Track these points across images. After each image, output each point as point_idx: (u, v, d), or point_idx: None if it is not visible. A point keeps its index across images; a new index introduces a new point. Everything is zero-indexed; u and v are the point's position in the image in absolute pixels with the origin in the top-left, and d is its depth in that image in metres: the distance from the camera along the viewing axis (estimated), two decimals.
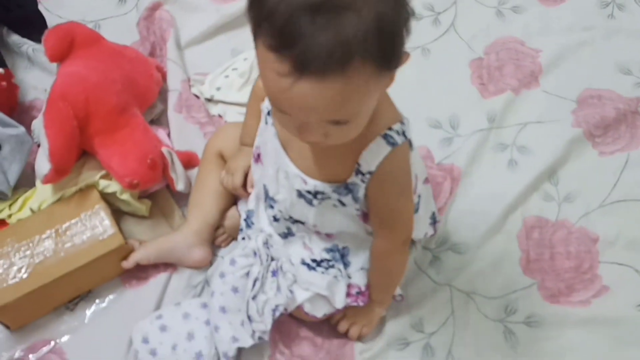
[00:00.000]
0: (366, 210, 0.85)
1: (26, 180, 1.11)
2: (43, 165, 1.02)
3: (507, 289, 1.05)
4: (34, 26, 1.29)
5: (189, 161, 1.16)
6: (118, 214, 1.11)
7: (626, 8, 1.40)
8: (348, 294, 0.94)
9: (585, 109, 1.25)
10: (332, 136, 0.68)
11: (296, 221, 0.91)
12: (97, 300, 1.06)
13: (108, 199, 1.09)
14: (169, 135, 1.19)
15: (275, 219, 0.93)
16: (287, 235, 0.95)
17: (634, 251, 1.08)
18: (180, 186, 1.11)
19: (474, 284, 1.05)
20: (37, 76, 1.28)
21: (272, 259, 0.97)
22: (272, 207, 0.92)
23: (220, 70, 1.28)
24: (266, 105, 0.85)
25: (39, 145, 1.08)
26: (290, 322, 1.01)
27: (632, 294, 1.04)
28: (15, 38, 1.30)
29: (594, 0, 1.41)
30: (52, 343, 1.02)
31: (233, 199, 1.08)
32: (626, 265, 1.07)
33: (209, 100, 1.26)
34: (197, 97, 1.25)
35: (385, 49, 0.61)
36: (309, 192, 0.83)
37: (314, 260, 0.94)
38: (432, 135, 1.22)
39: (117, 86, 1.09)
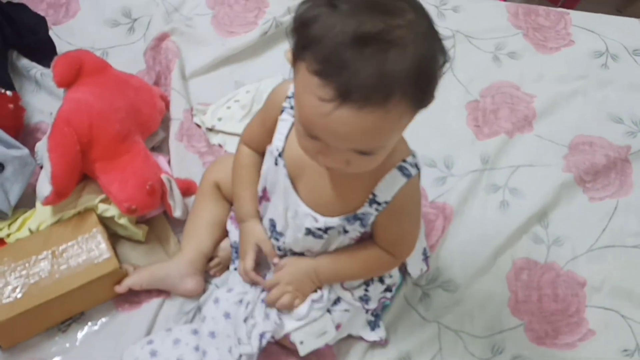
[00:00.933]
0: (369, 232, 0.89)
1: (26, 201, 1.13)
2: (44, 187, 1.04)
3: (495, 328, 1.07)
4: (44, 52, 1.32)
5: (188, 189, 1.18)
6: (115, 238, 1.13)
7: (620, 59, 1.44)
8: None
9: (576, 154, 1.28)
10: (353, 165, 0.71)
11: (295, 253, 0.93)
12: (89, 323, 1.07)
13: (106, 222, 1.11)
14: (169, 162, 1.22)
15: (279, 249, 0.96)
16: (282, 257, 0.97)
17: (620, 297, 1.10)
18: (177, 213, 1.13)
19: (463, 322, 1.07)
20: (43, 100, 1.31)
21: (262, 290, 0.99)
22: (277, 239, 0.94)
23: (223, 101, 1.31)
24: (276, 146, 0.88)
25: (41, 167, 1.11)
26: (279, 352, 1.02)
27: (618, 339, 1.06)
28: (24, 62, 1.34)
29: (588, 51, 1.45)
30: None
31: (226, 231, 1.10)
32: (612, 310, 1.09)
33: (210, 129, 1.28)
34: (199, 126, 1.28)
35: (423, 89, 0.65)
36: (319, 229, 0.86)
37: None
38: (427, 173, 1.25)
39: (120, 114, 1.12)
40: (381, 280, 0.99)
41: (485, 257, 1.14)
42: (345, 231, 0.88)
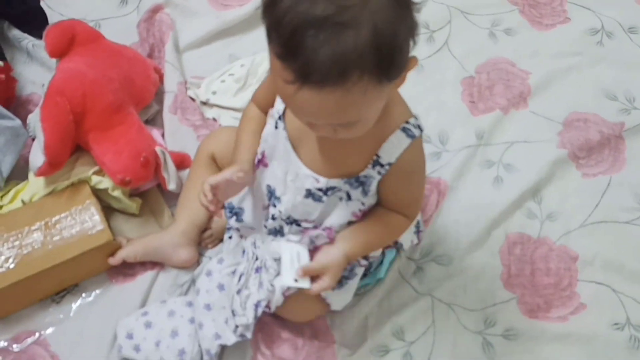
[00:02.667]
0: (373, 204, 0.89)
1: (19, 173, 1.12)
2: (37, 157, 1.03)
3: (487, 302, 1.08)
4: (35, 22, 1.30)
5: (182, 162, 1.17)
6: (108, 210, 1.13)
7: (615, 36, 1.44)
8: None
9: (570, 131, 1.28)
10: (341, 133, 0.73)
11: (292, 222, 0.93)
12: (83, 294, 1.07)
13: (99, 195, 1.10)
14: (162, 135, 1.21)
15: (273, 218, 0.95)
16: (276, 233, 0.96)
17: (611, 271, 1.11)
18: (171, 186, 1.12)
19: (455, 295, 1.08)
20: (35, 71, 1.30)
21: (257, 258, 0.99)
22: (274, 205, 0.94)
23: (217, 74, 1.30)
24: (277, 110, 0.88)
25: (33, 139, 1.10)
26: (272, 324, 1.02)
27: (608, 313, 1.07)
28: (15, 32, 1.32)
29: (584, 27, 1.45)
30: (37, 334, 1.03)
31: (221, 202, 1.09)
32: (603, 285, 1.10)
33: (204, 103, 1.28)
34: (193, 100, 1.27)
35: (383, 62, 0.65)
36: (320, 189, 0.86)
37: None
38: None
39: (114, 84, 1.11)
40: None
41: (478, 232, 1.14)
42: (349, 197, 0.87)
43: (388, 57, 0.65)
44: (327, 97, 0.64)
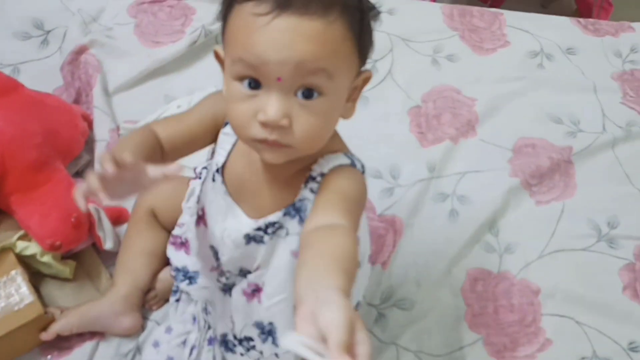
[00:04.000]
0: None
1: None
2: None
3: (454, 345, 1.03)
4: None
5: (118, 217, 1.08)
6: (38, 277, 1.02)
7: (554, 58, 1.44)
8: None
9: (520, 158, 1.27)
10: (296, 121, 0.64)
11: (244, 273, 0.84)
12: None
13: (27, 261, 0.99)
14: None
15: (226, 277, 0.86)
16: (229, 289, 0.88)
17: (573, 303, 1.09)
18: (108, 245, 1.03)
19: (421, 341, 1.03)
20: None
21: (210, 327, 0.91)
22: (219, 266, 0.86)
23: (153, 117, 1.21)
24: (215, 162, 0.80)
25: None
26: None
27: (575, 347, 1.05)
28: None
29: (524, 51, 1.45)
30: None
31: (165, 261, 1.01)
32: (567, 317, 1.08)
33: None
34: None
35: (362, 16, 0.65)
36: (259, 229, 0.78)
37: (234, 336, 0.87)
38: (373, 185, 1.20)
39: (37, 139, 1.00)
40: None
41: (439, 270, 1.10)
42: (287, 233, 0.77)
43: (365, 14, 0.66)
44: (306, 25, 0.61)
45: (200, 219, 0.85)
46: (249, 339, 0.87)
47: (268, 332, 0.85)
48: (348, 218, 0.65)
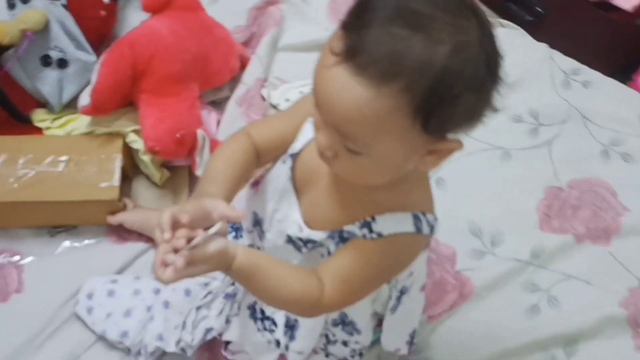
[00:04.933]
0: None
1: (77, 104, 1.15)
2: (85, 97, 1.05)
3: None
4: None
5: None
6: (137, 171, 1.13)
7: None
8: None
9: None
10: (339, 159, 0.63)
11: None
12: (76, 238, 1.07)
13: (133, 153, 1.10)
14: (218, 122, 1.19)
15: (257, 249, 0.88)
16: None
17: None
18: (200, 171, 1.10)
19: None
20: (143, 18, 1.32)
21: (233, 284, 0.92)
22: (260, 238, 0.87)
23: (298, 84, 1.26)
24: (293, 147, 0.80)
25: None
26: (221, 348, 0.96)
27: None
28: None
29: None
30: (17, 257, 1.04)
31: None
32: None
33: (274, 106, 1.24)
34: (264, 99, 1.24)
35: (431, 102, 0.56)
36: (300, 239, 0.78)
37: (262, 312, 0.88)
38: (467, 240, 1.12)
39: (187, 56, 1.10)
40: (344, 343, 0.88)
41: (485, 354, 1.00)
42: (329, 254, 0.77)
43: (439, 101, 0.56)
44: (354, 87, 0.56)
45: (255, 183, 0.86)
46: (273, 322, 0.87)
47: (291, 327, 0.85)
48: (337, 284, 0.69)
